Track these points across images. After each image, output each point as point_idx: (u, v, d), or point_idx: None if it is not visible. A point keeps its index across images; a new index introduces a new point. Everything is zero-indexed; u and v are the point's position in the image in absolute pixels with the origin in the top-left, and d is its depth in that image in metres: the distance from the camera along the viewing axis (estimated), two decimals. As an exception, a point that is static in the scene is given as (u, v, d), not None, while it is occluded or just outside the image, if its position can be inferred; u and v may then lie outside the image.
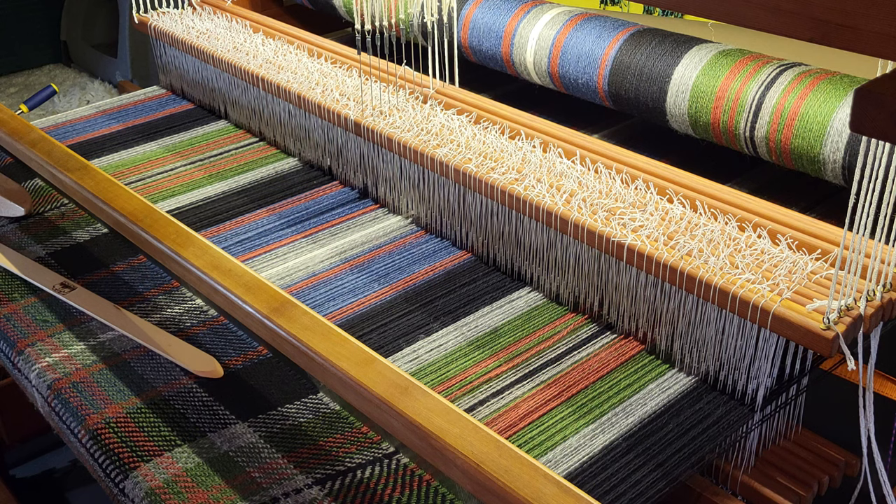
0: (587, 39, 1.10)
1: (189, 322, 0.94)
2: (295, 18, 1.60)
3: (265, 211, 1.13)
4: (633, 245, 0.83)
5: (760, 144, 0.96)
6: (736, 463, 0.82)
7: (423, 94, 1.12)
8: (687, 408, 0.80)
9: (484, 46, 1.22)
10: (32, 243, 1.08)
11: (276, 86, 1.20)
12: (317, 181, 1.19)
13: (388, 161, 1.08)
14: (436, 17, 1.08)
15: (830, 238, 0.81)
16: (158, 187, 1.19)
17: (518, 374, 0.85)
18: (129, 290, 0.99)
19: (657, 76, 1.03)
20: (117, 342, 0.91)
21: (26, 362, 0.89)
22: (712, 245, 0.82)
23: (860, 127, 0.48)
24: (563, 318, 0.92)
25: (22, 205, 1.13)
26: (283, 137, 1.26)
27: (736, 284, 0.76)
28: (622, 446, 0.77)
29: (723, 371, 0.81)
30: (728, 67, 0.98)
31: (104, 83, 2.91)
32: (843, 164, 0.89)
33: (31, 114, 2.05)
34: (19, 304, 0.97)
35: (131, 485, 0.75)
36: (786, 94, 0.92)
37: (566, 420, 0.80)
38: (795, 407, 0.85)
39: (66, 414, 0.83)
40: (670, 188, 0.89)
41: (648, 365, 0.86)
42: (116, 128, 1.37)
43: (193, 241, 0.95)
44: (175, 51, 1.40)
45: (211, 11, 1.44)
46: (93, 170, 1.10)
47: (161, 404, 0.83)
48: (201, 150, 1.29)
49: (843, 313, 0.73)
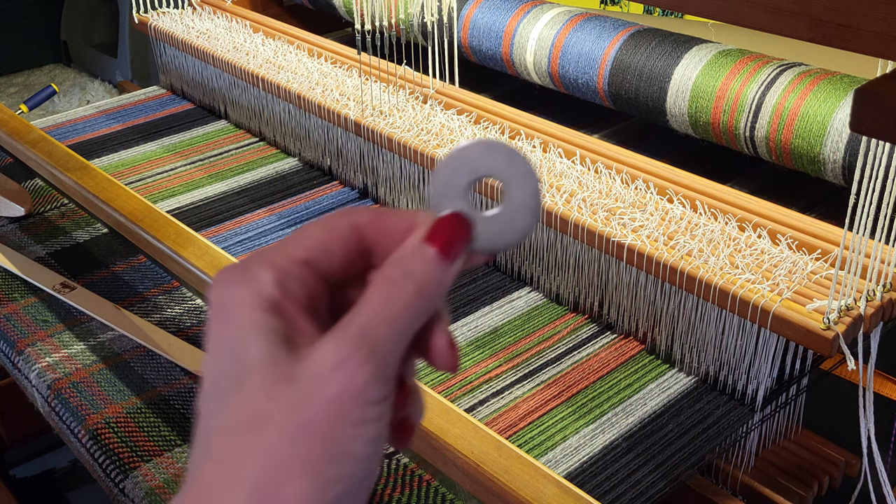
0: (587, 39, 1.10)
1: (189, 322, 0.94)
2: (295, 18, 1.60)
3: (265, 211, 1.13)
4: (634, 245, 0.83)
5: (760, 144, 0.96)
6: (736, 463, 0.82)
7: (423, 94, 1.12)
8: (687, 408, 0.80)
9: (484, 46, 1.22)
10: (32, 243, 1.08)
11: (276, 86, 1.20)
12: (317, 181, 1.19)
13: (388, 161, 1.08)
14: (436, 17, 1.08)
15: (830, 238, 0.81)
16: (158, 187, 1.19)
17: (518, 374, 0.85)
18: (129, 290, 0.99)
19: (657, 76, 1.03)
20: (117, 342, 0.91)
21: (26, 362, 0.89)
22: (712, 245, 0.82)
23: (860, 127, 0.48)
24: (563, 318, 0.92)
25: (22, 205, 1.13)
26: (283, 137, 1.26)
27: (736, 284, 0.76)
28: (622, 446, 0.77)
29: (723, 371, 0.81)
30: (728, 67, 0.98)
31: (104, 83, 2.91)
32: (843, 164, 0.89)
33: (31, 114, 2.05)
34: (19, 304, 0.97)
35: (131, 485, 0.75)
36: (786, 94, 0.92)
37: (566, 420, 0.80)
38: (795, 407, 0.85)
39: (66, 414, 0.83)
40: (670, 188, 0.89)
41: (648, 365, 0.86)
42: (116, 128, 1.37)
43: (193, 241, 0.95)
44: (175, 51, 1.40)
45: (211, 11, 1.44)
46: (93, 170, 1.10)
47: (161, 404, 0.83)
48: (201, 150, 1.29)
49: (843, 313, 0.73)
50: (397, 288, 0.31)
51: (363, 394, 0.29)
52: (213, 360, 0.31)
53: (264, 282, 0.31)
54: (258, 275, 0.31)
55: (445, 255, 0.32)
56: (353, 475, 0.29)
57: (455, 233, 0.32)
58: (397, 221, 0.33)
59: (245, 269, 0.31)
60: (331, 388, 0.29)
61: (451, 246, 0.32)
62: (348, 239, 0.32)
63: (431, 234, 0.32)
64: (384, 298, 0.30)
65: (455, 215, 0.33)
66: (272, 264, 0.31)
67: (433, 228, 0.32)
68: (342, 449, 0.29)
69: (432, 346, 0.33)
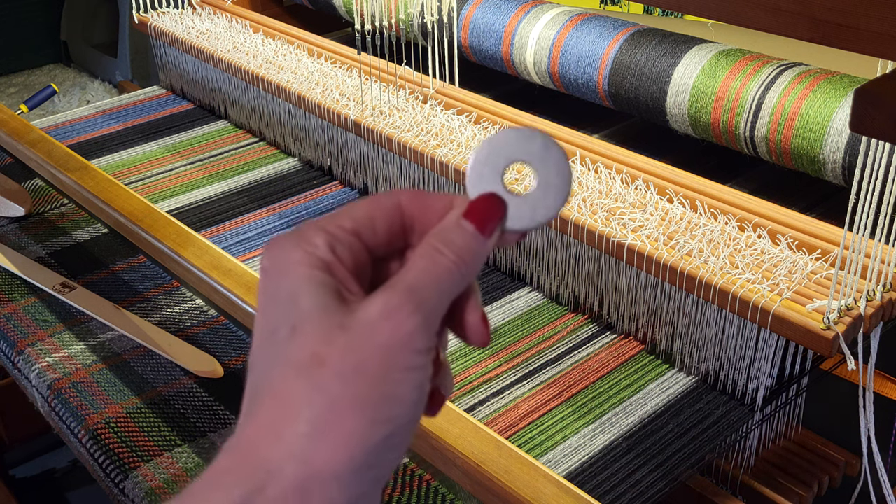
0: (587, 39, 1.10)
1: (189, 322, 0.94)
2: (295, 18, 1.60)
3: (265, 211, 1.13)
4: (634, 245, 0.83)
5: (760, 144, 0.95)
6: (736, 463, 0.82)
7: (423, 94, 1.12)
8: (687, 408, 0.80)
9: (484, 46, 1.22)
10: (32, 243, 1.08)
11: (276, 86, 1.20)
12: (317, 181, 1.19)
13: (388, 161, 1.08)
14: (436, 17, 1.08)
15: (830, 238, 0.81)
16: (158, 187, 1.19)
17: (518, 374, 0.85)
18: (129, 290, 0.99)
19: (657, 76, 1.03)
20: (117, 342, 0.91)
21: (26, 362, 0.89)
22: (712, 245, 0.82)
23: (860, 127, 0.48)
24: (563, 318, 0.92)
25: (22, 205, 1.13)
26: (283, 137, 1.26)
27: (736, 284, 0.76)
28: (622, 446, 0.77)
29: (723, 371, 0.81)
30: (728, 67, 0.98)
31: (104, 83, 2.91)
32: (843, 164, 0.89)
33: (31, 114, 2.05)
34: (19, 304, 0.97)
35: (131, 485, 0.75)
36: (786, 94, 0.92)
37: (566, 420, 0.80)
38: (795, 407, 0.85)
39: (66, 414, 0.83)
40: (670, 188, 0.89)
41: (648, 365, 0.86)
42: (116, 128, 1.37)
43: (193, 241, 0.95)
44: (175, 51, 1.40)
45: (211, 11, 1.44)
46: (93, 170, 1.10)
47: (161, 404, 0.83)
48: (201, 150, 1.29)
49: (843, 313, 0.73)
50: (440, 254, 0.34)
51: (411, 341, 0.32)
52: (267, 312, 0.33)
53: (318, 244, 0.33)
54: (312, 238, 0.34)
55: (482, 229, 0.35)
56: (400, 417, 0.32)
57: (490, 211, 0.35)
58: (437, 201, 0.36)
59: (299, 234, 0.34)
60: (382, 334, 0.31)
61: (486, 223, 0.35)
62: (392, 215, 0.35)
63: (469, 212, 0.35)
64: (429, 262, 0.34)
65: (491, 195, 0.36)
66: (324, 230, 0.34)
67: (471, 207, 0.35)
68: (392, 391, 0.31)
69: (466, 321, 0.36)
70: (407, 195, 0.36)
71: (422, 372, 0.32)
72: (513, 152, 0.36)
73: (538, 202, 0.36)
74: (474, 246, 0.34)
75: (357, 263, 0.34)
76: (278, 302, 0.33)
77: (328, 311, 0.32)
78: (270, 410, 0.31)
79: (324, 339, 0.31)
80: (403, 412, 0.32)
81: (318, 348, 0.31)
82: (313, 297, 0.32)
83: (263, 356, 0.33)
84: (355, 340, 0.31)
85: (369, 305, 0.32)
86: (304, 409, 0.31)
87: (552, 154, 0.36)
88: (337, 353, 0.31)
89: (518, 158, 0.36)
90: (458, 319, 0.36)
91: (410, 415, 0.32)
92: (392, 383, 0.31)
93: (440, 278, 0.33)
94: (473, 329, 0.36)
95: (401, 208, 0.36)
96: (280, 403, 0.31)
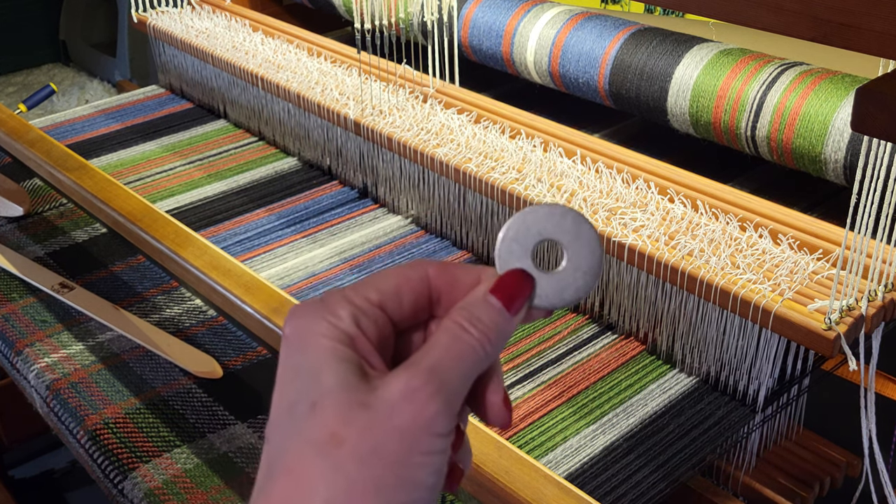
0: (588, 38, 1.10)
1: (188, 322, 0.94)
2: (294, 17, 1.59)
3: (264, 211, 1.13)
4: (634, 245, 0.82)
5: (762, 144, 0.95)
6: (737, 464, 0.82)
7: (423, 94, 1.12)
8: (688, 408, 0.80)
9: (484, 45, 1.22)
10: (31, 243, 1.08)
11: (275, 85, 1.19)
12: (316, 181, 1.19)
13: (387, 161, 1.08)
14: (436, 16, 1.08)
15: (832, 238, 0.80)
16: (157, 187, 1.19)
17: (518, 375, 0.85)
18: (128, 290, 0.99)
19: (658, 75, 1.02)
20: (116, 342, 0.91)
21: (25, 363, 0.88)
22: (713, 245, 0.81)
23: (861, 126, 0.48)
24: (564, 319, 0.92)
25: (21, 204, 1.13)
26: (283, 137, 1.25)
27: (737, 285, 0.76)
28: (623, 447, 0.77)
29: (724, 371, 0.81)
30: (729, 67, 0.97)
31: (103, 82, 2.91)
32: (845, 164, 0.89)
33: (30, 113, 2.04)
34: (18, 304, 0.97)
35: (130, 485, 0.75)
36: (787, 94, 0.92)
37: (567, 421, 0.80)
38: (797, 407, 0.85)
39: (65, 414, 0.82)
40: (671, 188, 0.89)
41: (649, 365, 0.86)
42: (115, 127, 1.36)
43: (192, 240, 0.95)
44: (174, 50, 1.40)
45: (210, 10, 1.44)
46: (91, 169, 1.10)
47: (160, 405, 0.83)
48: (200, 149, 1.29)
49: (845, 313, 0.73)
50: (465, 331, 0.33)
51: (432, 425, 0.31)
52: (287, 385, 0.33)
53: (342, 316, 0.33)
54: (336, 310, 0.33)
55: (508, 307, 0.34)
56: (417, 502, 0.31)
57: (518, 288, 0.35)
58: (465, 274, 0.35)
59: (323, 305, 0.33)
60: (402, 416, 0.31)
61: (514, 299, 0.35)
62: (419, 288, 0.35)
63: (497, 288, 0.35)
64: (452, 340, 0.33)
65: (519, 272, 0.35)
66: (349, 302, 0.33)
67: (499, 283, 0.35)
68: (410, 475, 0.31)
69: (487, 401, 0.35)
70: (435, 267, 0.35)
71: (441, 456, 0.32)
72: (544, 229, 0.36)
73: (567, 282, 0.35)
74: (500, 323, 0.34)
75: (381, 336, 0.34)
76: (299, 375, 0.32)
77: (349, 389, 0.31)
78: (286, 489, 0.31)
79: (343, 419, 0.31)
80: (420, 496, 0.31)
81: (338, 428, 0.31)
82: (335, 373, 0.32)
83: (281, 430, 0.32)
84: (375, 421, 0.31)
85: (391, 384, 0.31)
86: (321, 489, 0.30)
87: (584, 233, 0.35)
88: (356, 434, 0.30)
89: (549, 236, 0.36)
90: (480, 399, 0.35)
91: (427, 499, 0.32)
92: (410, 467, 0.31)
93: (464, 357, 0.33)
94: (495, 410, 0.35)
95: (428, 281, 0.35)
96: (296, 482, 0.31)
